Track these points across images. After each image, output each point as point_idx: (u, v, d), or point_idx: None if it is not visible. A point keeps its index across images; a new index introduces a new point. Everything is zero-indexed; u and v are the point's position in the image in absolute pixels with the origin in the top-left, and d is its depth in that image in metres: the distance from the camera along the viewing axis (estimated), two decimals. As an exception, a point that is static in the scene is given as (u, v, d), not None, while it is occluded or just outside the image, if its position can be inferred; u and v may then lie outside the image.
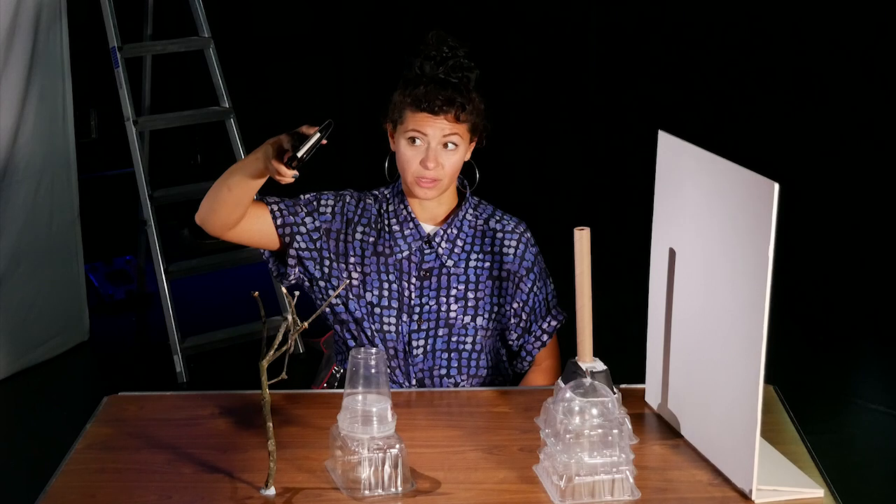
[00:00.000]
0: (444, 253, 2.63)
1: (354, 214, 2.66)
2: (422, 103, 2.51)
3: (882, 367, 4.91)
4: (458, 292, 2.62)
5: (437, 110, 2.51)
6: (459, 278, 2.63)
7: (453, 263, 2.63)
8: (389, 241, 2.64)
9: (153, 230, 4.70)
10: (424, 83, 2.52)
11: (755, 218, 1.97)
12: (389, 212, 2.65)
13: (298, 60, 6.12)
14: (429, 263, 2.63)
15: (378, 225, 2.65)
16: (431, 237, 2.63)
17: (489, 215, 2.69)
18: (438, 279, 2.62)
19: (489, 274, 2.64)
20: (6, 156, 4.57)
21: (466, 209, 2.67)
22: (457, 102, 2.52)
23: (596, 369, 2.26)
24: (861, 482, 3.86)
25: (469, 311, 2.62)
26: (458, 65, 2.56)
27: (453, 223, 2.64)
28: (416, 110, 2.53)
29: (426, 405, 2.50)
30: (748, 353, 2.01)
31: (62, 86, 4.78)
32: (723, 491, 2.11)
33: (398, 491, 2.10)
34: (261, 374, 2.06)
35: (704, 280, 2.18)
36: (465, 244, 2.65)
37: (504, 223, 2.68)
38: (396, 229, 2.63)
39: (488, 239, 2.66)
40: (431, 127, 2.53)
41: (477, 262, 2.64)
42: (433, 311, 2.61)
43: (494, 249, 2.66)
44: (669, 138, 2.28)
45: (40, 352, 4.81)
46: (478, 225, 2.67)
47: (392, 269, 2.63)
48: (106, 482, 2.17)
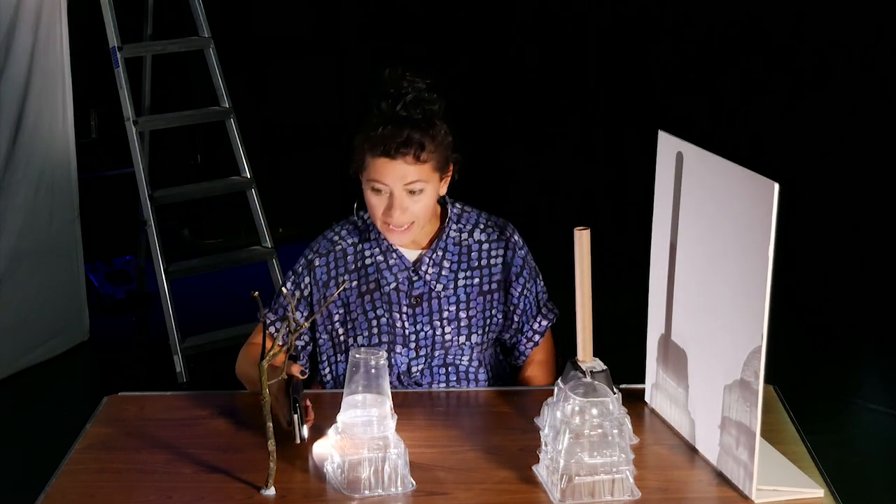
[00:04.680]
0: (432, 278, 2.57)
1: (329, 276, 2.60)
2: (378, 147, 2.43)
3: (882, 367, 4.91)
4: (449, 314, 2.58)
5: (393, 153, 2.42)
6: (450, 300, 2.58)
7: (442, 287, 2.58)
8: (374, 274, 2.59)
9: (153, 230, 4.70)
10: (383, 123, 2.43)
11: (755, 218, 1.97)
12: (371, 240, 2.60)
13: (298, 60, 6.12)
14: (418, 290, 2.58)
15: (358, 264, 2.60)
16: (417, 265, 2.58)
17: (473, 225, 2.62)
18: (429, 304, 2.58)
19: (479, 290, 2.60)
20: (6, 156, 4.57)
21: (449, 227, 2.60)
22: (414, 142, 2.42)
23: (596, 369, 2.26)
24: (861, 482, 3.86)
25: (463, 330, 2.59)
26: (418, 99, 2.46)
27: (438, 245, 2.58)
28: (374, 155, 2.44)
29: (426, 405, 2.50)
30: (748, 352, 2.01)
31: (62, 86, 4.78)
32: (723, 491, 2.11)
33: (398, 491, 2.10)
34: (261, 374, 2.06)
35: (704, 280, 2.18)
36: (452, 264, 2.59)
37: (489, 232, 2.62)
38: (381, 260, 2.58)
39: (475, 253, 2.60)
40: (391, 175, 2.44)
41: (465, 281, 2.59)
42: (429, 337, 2.58)
43: (482, 263, 2.61)
44: (669, 138, 2.28)
45: (40, 352, 4.81)
46: (462, 241, 2.60)
47: (380, 304, 2.58)
48: (106, 482, 2.17)
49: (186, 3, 4.92)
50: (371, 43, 6.08)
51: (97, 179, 5.64)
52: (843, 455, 4.02)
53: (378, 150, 2.43)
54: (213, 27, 4.93)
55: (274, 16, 6.06)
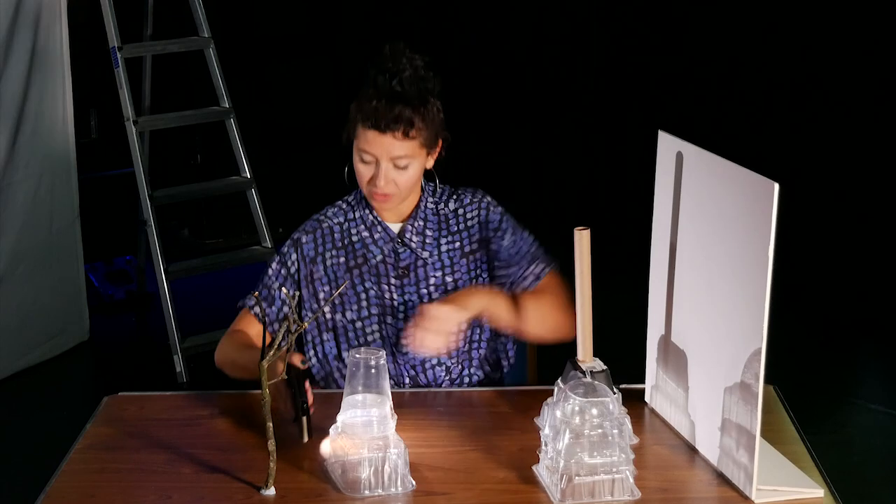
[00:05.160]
0: (418, 246, 2.63)
1: (316, 252, 2.66)
2: (370, 119, 2.49)
3: (882, 367, 4.91)
4: (436, 280, 2.63)
5: (384, 128, 2.49)
6: (435, 265, 2.63)
7: (428, 254, 2.63)
8: (361, 250, 2.64)
9: (153, 230, 4.70)
10: (378, 97, 2.50)
11: (755, 218, 1.97)
12: (356, 219, 2.66)
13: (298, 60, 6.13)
14: (405, 261, 2.63)
15: (345, 241, 2.65)
16: (402, 234, 2.64)
17: (447, 196, 2.69)
18: (415, 273, 2.63)
19: (461, 253, 2.65)
20: (6, 156, 4.57)
21: (426, 198, 2.66)
22: (404, 118, 2.48)
23: (596, 369, 2.26)
24: (861, 482, 3.86)
25: (450, 294, 2.61)
26: (414, 76, 2.52)
27: (418, 216, 2.65)
28: (365, 127, 2.51)
29: (426, 405, 2.50)
30: (748, 352, 2.01)
31: (62, 86, 4.78)
32: (723, 491, 2.11)
33: (398, 491, 2.10)
34: (261, 374, 2.06)
35: (704, 280, 2.18)
36: (433, 231, 2.65)
37: (462, 198, 2.68)
38: (366, 235, 2.64)
39: (452, 220, 2.66)
40: (379, 146, 2.51)
41: (448, 245, 2.65)
42: (417, 305, 2.61)
43: (461, 227, 2.66)
44: (669, 138, 2.28)
45: (40, 352, 4.81)
46: (439, 210, 2.67)
47: (368, 276, 2.63)
48: (106, 482, 2.17)
49: (186, 3, 4.92)
50: (371, 43, 6.07)
51: (97, 179, 5.64)
52: (843, 455, 4.02)
53: (369, 122, 2.50)
54: (213, 27, 4.93)
55: (274, 16, 6.06)
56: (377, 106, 2.49)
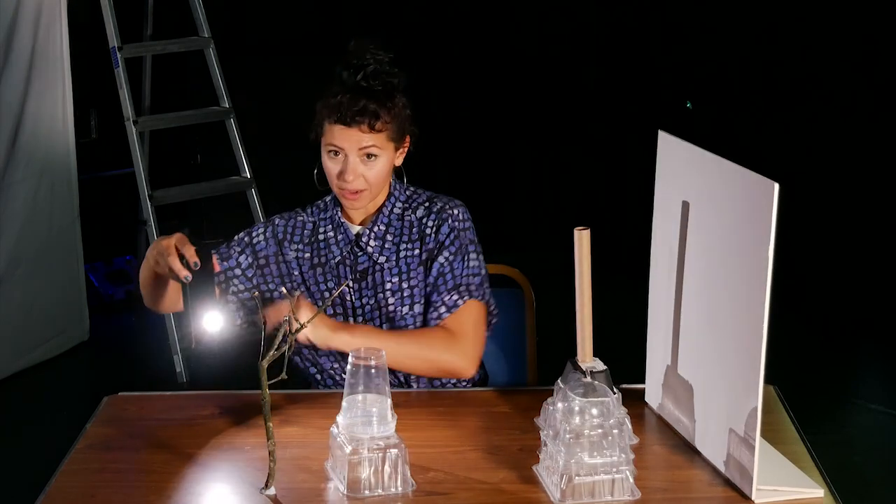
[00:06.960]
0: (375, 251, 2.63)
1: (284, 235, 2.68)
2: (335, 114, 2.52)
3: (882, 367, 4.92)
4: (392, 285, 2.62)
5: (349, 121, 2.51)
6: (392, 271, 2.62)
7: (385, 259, 2.62)
8: (325, 249, 2.65)
9: (153, 230, 4.70)
10: (343, 92, 2.52)
11: (755, 218, 1.97)
12: (326, 218, 2.67)
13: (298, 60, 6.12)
14: (363, 265, 2.63)
15: (312, 238, 2.67)
16: (359, 238, 2.63)
17: (419, 204, 2.67)
18: (373, 277, 2.62)
19: (419, 261, 2.63)
20: (6, 156, 4.57)
21: (393, 203, 2.65)
22: (369, 111, 2.50)
23: (596, 369, 2.26)
24: (861, 482, 3.86)
25: (406, 300, 2.61)
26: (378, 71, 2.54)
27: (379, 220, 2.64)
28: (331, 122, 2.53)
29: (426, 405, 2.50)
30: (748, 353, 2.01)
31: (62, 86, 4.78)
32: (723, 491, 2.11)
33: (398, 491, 2.10)
34: (260, 374, 2.06)
35: (704, 280, 2.18)
36: (394, 237, 2.64)
37: (432, 206, 2.65)
38: (331, 235, 2.65)
39: (415, 228, 2.64)
40: (347, 139, 2.52)
41: (406, 252, 2.63)
42: (374, 309, 2.61)
43: (421, 235, 2.64)
44: (669, 138, 2.28)
45: (40, 352, 4.81)
46: (405, 216, 2.65)
47: (330, 276, 2.64)
48: (106, 482, 2.17)
49: (186, 3, 4.92)
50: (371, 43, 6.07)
51: (97, 179, 5.64)
52: (843, 455, 4.02)
53: (334, 116, 2.52)
54: (213, 27, 4.93)
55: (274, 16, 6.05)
56: (342, 100, 2.51)
